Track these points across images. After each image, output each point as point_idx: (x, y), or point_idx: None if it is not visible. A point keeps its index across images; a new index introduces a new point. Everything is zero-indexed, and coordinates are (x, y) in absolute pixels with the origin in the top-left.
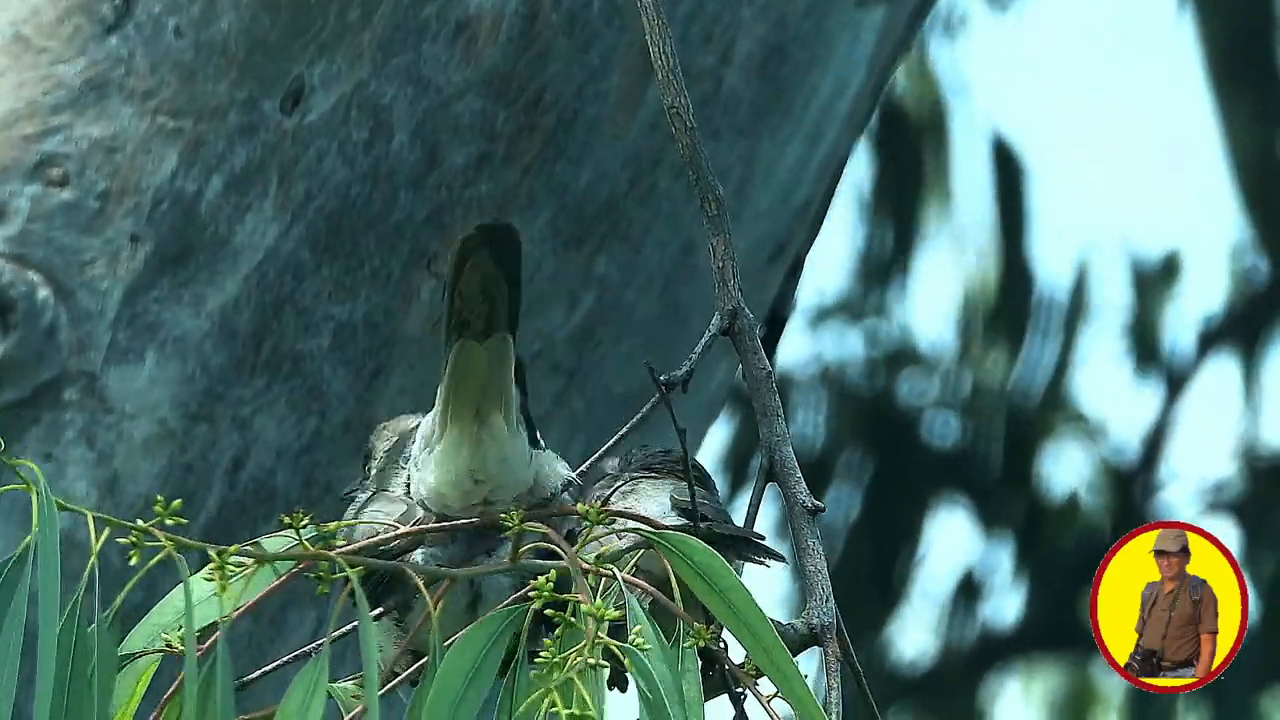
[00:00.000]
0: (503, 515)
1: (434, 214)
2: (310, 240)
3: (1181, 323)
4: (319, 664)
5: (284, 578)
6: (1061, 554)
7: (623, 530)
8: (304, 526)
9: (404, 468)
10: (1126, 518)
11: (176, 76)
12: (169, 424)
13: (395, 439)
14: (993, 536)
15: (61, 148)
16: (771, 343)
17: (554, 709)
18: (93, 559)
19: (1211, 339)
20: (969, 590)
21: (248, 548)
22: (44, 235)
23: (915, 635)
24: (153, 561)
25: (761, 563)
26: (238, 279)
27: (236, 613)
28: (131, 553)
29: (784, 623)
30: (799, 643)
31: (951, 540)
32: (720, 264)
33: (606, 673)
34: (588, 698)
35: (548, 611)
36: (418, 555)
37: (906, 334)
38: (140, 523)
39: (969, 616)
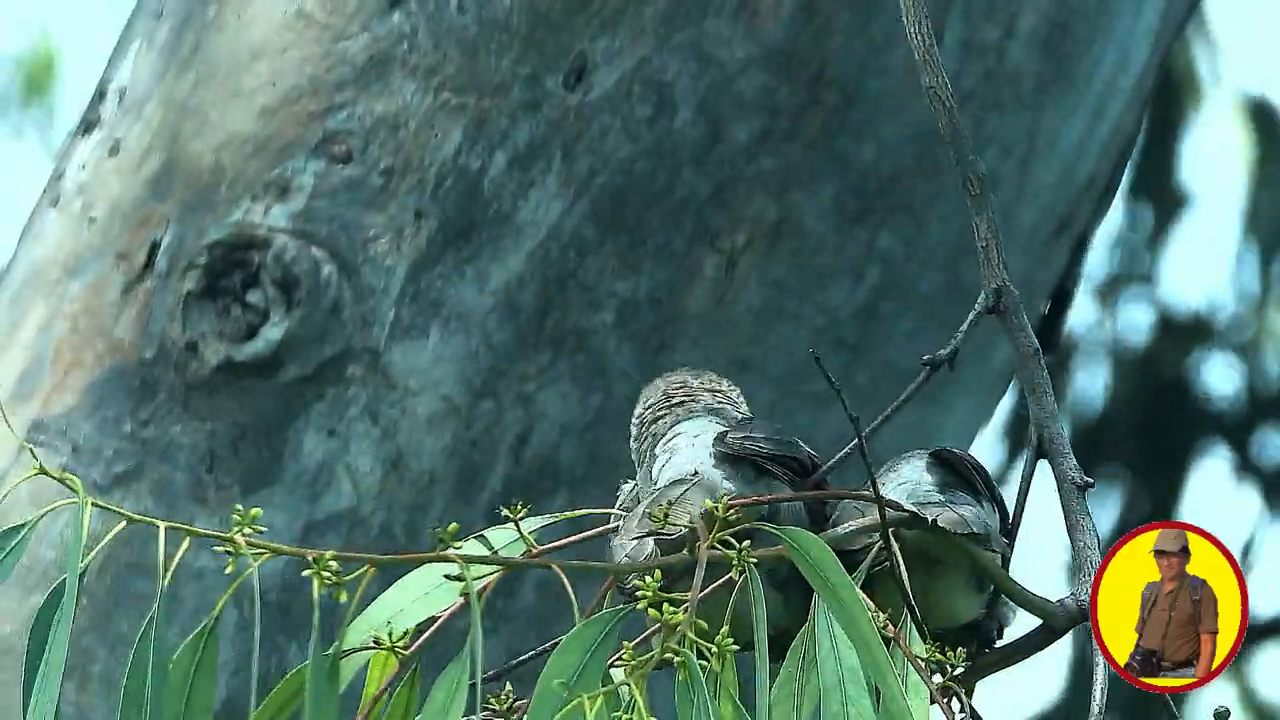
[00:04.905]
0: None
1: (717, 190)
2: (594, 216)
3: None
4: (461, 663)
5: (456, 605)
6: None
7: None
8: (522, 518)
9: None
10: None
11: (459, 52)
12: (453, 400)
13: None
14: (1251, 488)
15: (345, 124)
16: (1057, 317)
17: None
18: (164, 577)
19: None
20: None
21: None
22: (328, 212)
23: None
24: (246, 574)
25: (992, 551)
26: (521, 255)
27: (447, 611)
28: (229, 563)
29: (1053, 600)
30: (1068, 620)
31: (1229, 509)
32: (984, 242)
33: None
34: (640, 702)
35: (652, 612)
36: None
37: (1181, 300)
38: (231, 532)
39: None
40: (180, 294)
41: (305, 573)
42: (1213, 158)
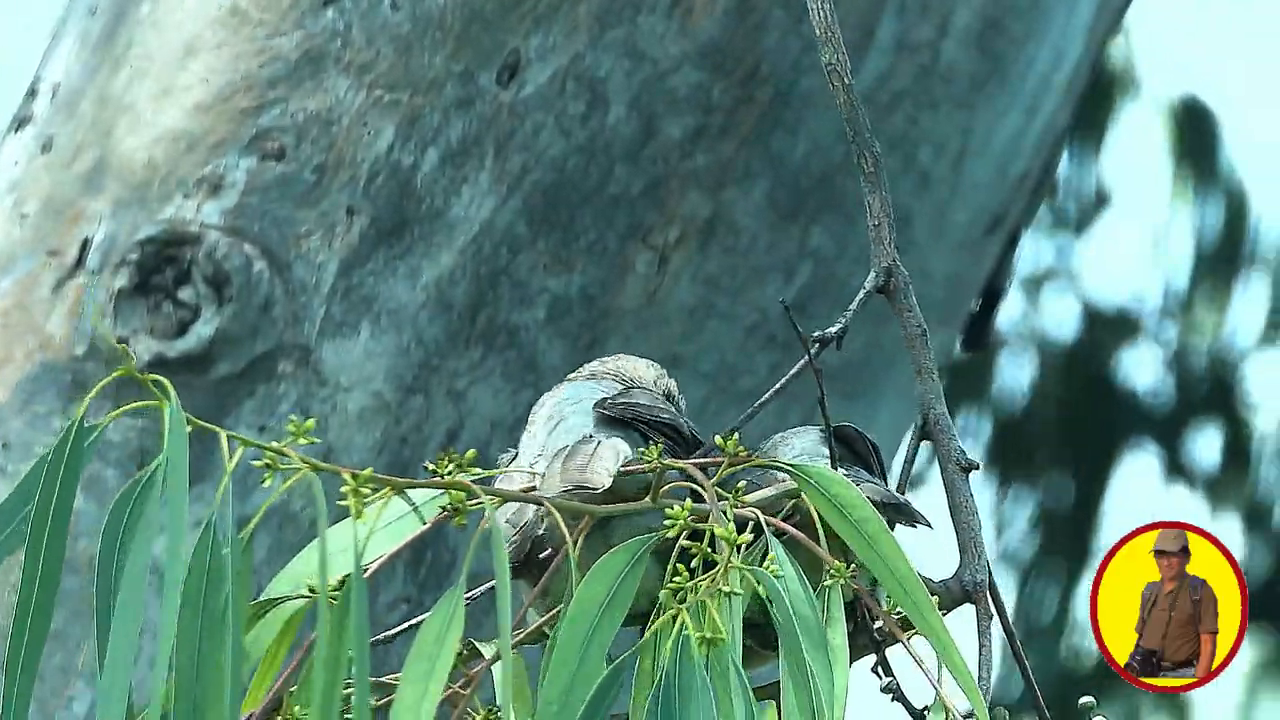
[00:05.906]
0: (642, 451)
1: (650, 187)
2: (526, 213)
3: None
4: (455, 594)
5: (431, 522)
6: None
7: (764, 464)
8: (448, 472)
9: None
10: None
11: (393, 49)
12: (384, 396)
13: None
14: (1177, 484)
15: (278, 121)
16: (988, 314)
17: (686, 631)
18: (225, 479)
19: None
20: None
21: (381, 475)
22: (260, 208)
23: None
24: (287, 484)
25: (912, 525)
26: (453, 252)
27: (386, 556)
28: (265, 475)
29: (936, 580)
30: (952, 601)
31: (1151, 498)
32: (876, 221)
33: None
34: (719, 621)
35: (683, 542)
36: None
37: (1104, 293)
38: (275, 445)
39: None
40: (112, 290)
41: (343, 489)
42: (1139, 153)
